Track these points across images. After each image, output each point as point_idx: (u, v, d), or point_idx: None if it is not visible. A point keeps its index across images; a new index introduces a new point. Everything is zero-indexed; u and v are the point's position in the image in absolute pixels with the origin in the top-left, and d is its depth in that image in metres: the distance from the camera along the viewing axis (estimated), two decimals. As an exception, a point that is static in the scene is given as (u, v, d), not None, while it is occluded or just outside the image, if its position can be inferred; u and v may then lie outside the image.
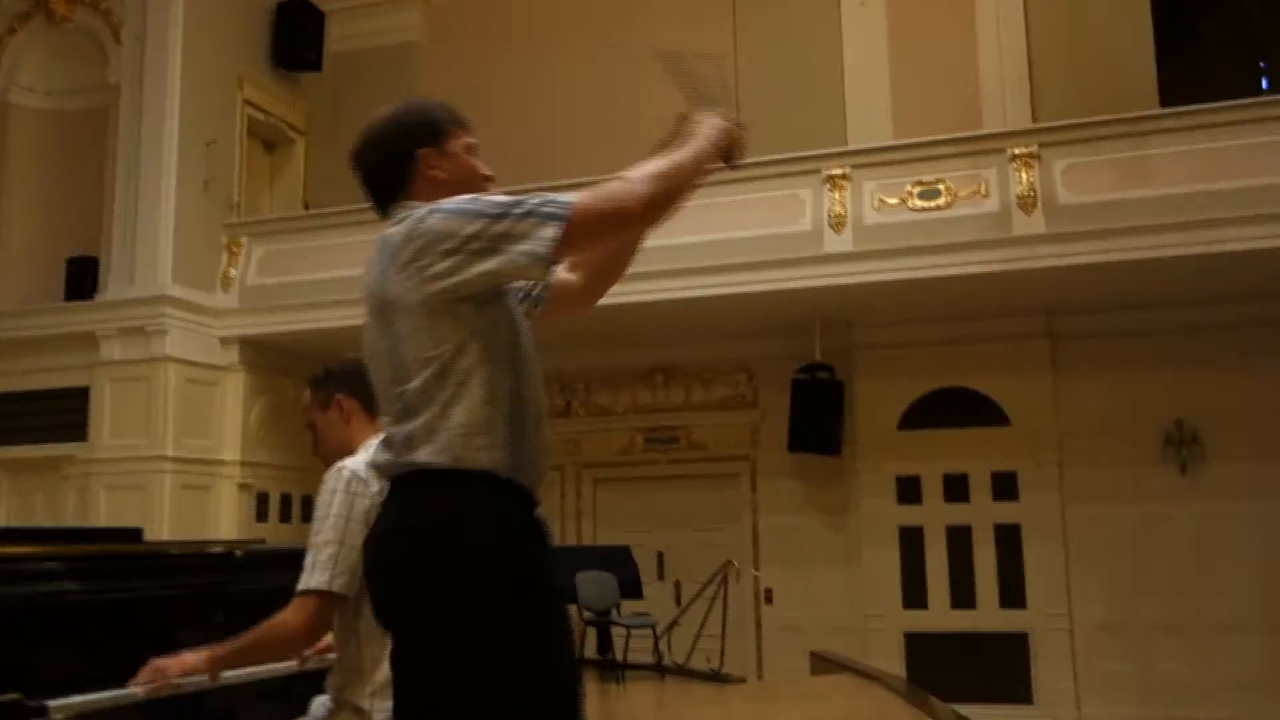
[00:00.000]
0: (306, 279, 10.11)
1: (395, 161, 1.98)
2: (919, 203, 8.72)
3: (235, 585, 2.94)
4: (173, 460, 9.53)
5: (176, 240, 9.81)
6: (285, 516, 10.57)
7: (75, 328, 9.82)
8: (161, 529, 9.32)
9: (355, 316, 8.94)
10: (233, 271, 10.32)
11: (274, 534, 10.23)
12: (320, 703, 2.36)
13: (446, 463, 1.75)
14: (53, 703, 2.11)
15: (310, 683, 2.45)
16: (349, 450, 2.49)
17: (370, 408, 2.54)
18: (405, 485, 1.79)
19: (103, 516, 9.36)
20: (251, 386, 10.35)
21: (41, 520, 9.64)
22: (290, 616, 2.30)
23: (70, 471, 9.77)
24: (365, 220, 10.20)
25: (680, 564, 10.51)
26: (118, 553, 2.94)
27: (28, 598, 2.32)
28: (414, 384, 1.77)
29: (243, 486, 10.23)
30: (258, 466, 10.40)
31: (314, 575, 2.27)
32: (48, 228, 10.43)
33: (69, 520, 9.56)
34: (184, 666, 2.38)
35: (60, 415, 9.87)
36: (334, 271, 10.03)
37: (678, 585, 10.33)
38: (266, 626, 2.32)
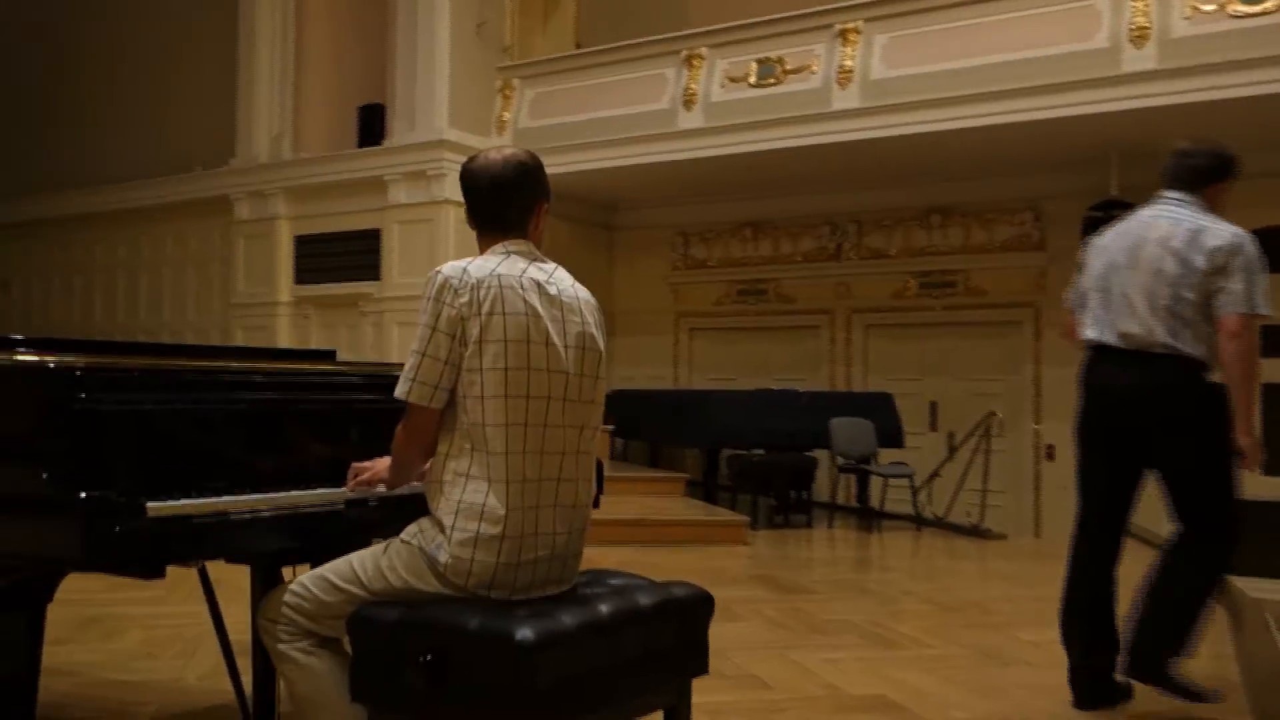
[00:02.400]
0: (578, 119, 10.15)
1: (1218, 175, 3.55)
2: (1241, 7, 7.48)
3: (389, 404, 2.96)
4: (454, 298, 9.98)
5: (452, 85, 10.08)
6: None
7: (366, 173, 10.39)
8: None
9: (626, 156, 8.86)
10: (506, 115, 10.52)
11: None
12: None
13: (1205, 355, 3.45)
14: (152, 503, 2.14)
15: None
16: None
17: (483, 228, 2.43)
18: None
19: (395, 350, 10.04)
20: (526, 228, 10.61)
21: (344, 353, 10.45)
22: (397, 427, 2.30)
23: (367, 308, 10.52)
24: (636, 56, 10.11)
25: (953, 415, 9.99)
26: (279, 369, 3.03)
27: (171, 404, 2.39)
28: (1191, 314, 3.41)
29: (518, 325, 10.61)
30: (532, 305, 10.73)
31: (399, 385, 2.23)
32: (341, 77, 11.01)
33: (368, 353, 10.33)
34: (374, 474, 2.46)
35: (358, 255, 10.59)
36: (606, 111, 10.02)
37: (950, 436, 9.84)
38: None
